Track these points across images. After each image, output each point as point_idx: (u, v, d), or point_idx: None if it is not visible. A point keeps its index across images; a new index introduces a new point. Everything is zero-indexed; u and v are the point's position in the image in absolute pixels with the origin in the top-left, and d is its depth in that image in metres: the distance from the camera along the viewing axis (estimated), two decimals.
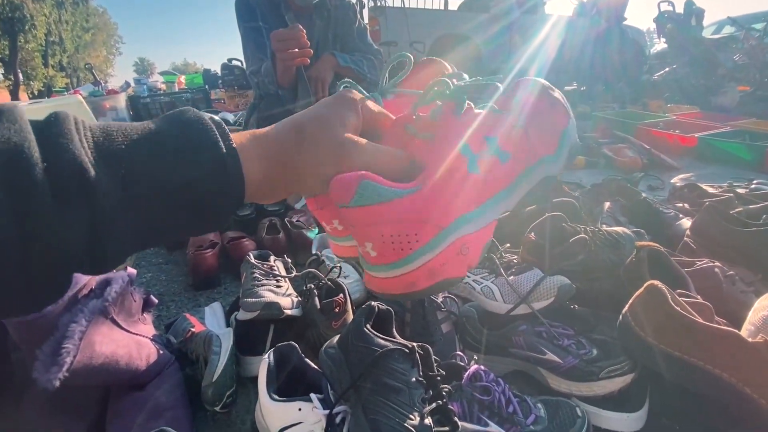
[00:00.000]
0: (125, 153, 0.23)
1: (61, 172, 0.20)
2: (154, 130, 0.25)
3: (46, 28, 13.19)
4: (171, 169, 0.24)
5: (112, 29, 20.62)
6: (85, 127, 0.23)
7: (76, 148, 0.21)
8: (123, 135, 0.24)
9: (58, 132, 0.21)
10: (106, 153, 0.22)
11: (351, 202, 0.27)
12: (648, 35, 5.98)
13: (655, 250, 0.70)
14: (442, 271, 0.29)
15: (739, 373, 0.48)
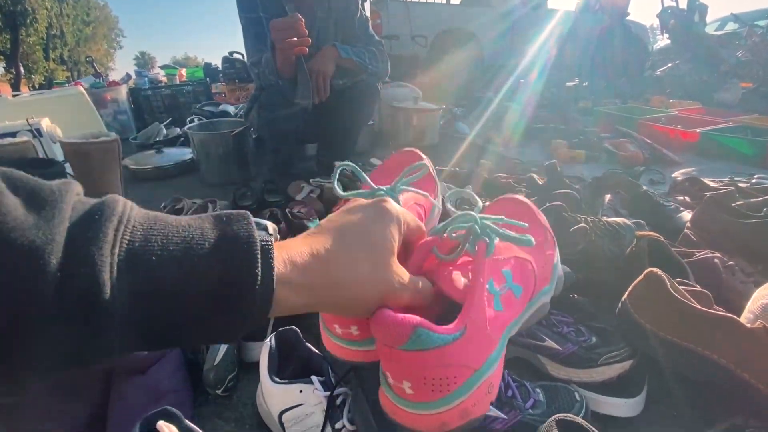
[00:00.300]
0: (154, 268, 0.22)
1: (72, 287, 0.20)
2: (198, 246, 0.23)
3: (47, 22, 13.14)
4: (197, 304, 0.23)
5: (113, 23, 20.53)
6: (127, 225, 0.22)
7: (101, 260, 0.20)
8: (163, 244, 0.22)
9: (92, 236, 0.20)
10: (135, 262, 0.21)
11: (403, 346, 0.28)
12: (651, 31, 5.94)
13: (655, 240, 0.70)
14: (473, 410, 0.31)
15: (737, 359, 0.48)
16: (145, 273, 0.21)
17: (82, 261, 0.20)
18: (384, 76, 1.53)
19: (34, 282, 0.19)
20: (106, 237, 0.21)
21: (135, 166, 1.70)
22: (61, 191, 0.22)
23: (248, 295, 0.24)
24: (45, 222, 0.20)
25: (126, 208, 0.23)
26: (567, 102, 3.13)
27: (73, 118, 2.00)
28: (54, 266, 0.19)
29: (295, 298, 0.26)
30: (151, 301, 0.22)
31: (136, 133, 2.36)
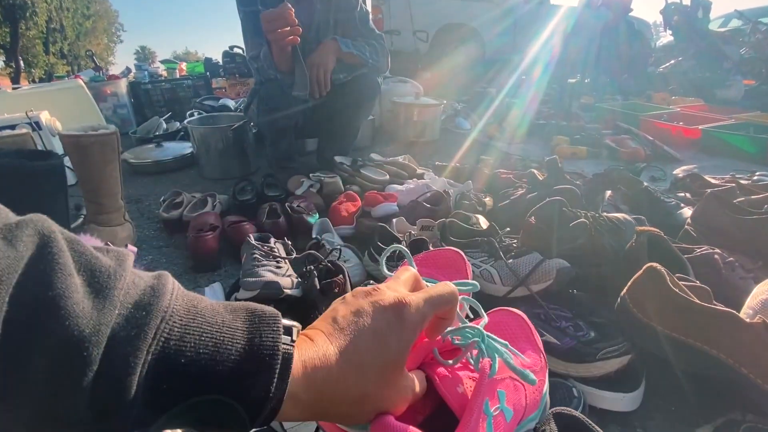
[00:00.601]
0: (182, 370, 0.23)
1: (105, 383, 0.21)
2: (226, 350, 0.24)
3: (47, 15, 13.08)
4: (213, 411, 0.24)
5: (113, 17, 20.43)
6: (168, 321, 0.24)
7: (134, 362, 0.22)
8: (196, 346, 0.24)
9: (134, 336, 0.22)
10: (166, 363, 0.23)
11: None
12: (654, 27, 5.90)
13: (655, 235, 0.70)
14: None
15: (735, 354, 0.48)
16: (172, 374, 0.23)
17: (119, 361, 0.22)
18: (385, 70, 1.52)
19: (78, 371, 0.20)
20: (146, 337, 0.22)
21: (135, 160, 1.69)
22: (116, 274, 0.23)
23: (257, 408, 0.25)
24: (96, 311, 0.21)
25: (172, 299, 0.25)
26: (569, 98, 3.11)
27: (73, 112, 2.00)
28: (94, 360, 0.21)
29: (297, 413, 0.27)
30: (168, 399, 0.23)
31: (135, 127, 2.35)
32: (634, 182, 1.14)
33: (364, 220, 1.11)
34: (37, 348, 0.20)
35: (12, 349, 0.19)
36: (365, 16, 1.44)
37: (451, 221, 0.87)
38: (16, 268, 0.19)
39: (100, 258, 0.23)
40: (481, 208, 1.08)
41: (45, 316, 0.20)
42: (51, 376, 0.20)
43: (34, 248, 0.20)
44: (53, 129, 1.47)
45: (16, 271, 0.19)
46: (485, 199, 1.15)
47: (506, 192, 1.16)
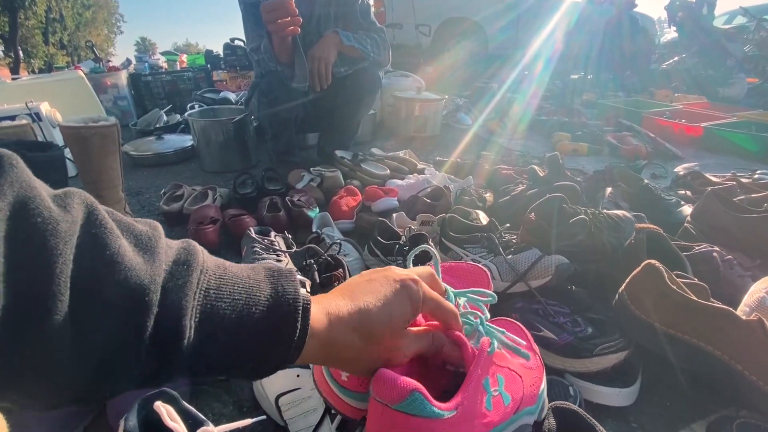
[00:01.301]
0: (222, 315, 0.27)
1: (163, 323, 0.24)
2: (256, 298, 0.28)
3: (46, 5, 12.96)
4: (247, 343, 0.28)
5: (113, 7, 20.27)
6: (205, 278, 0.27)
7: (186, 306, 0.25)
8: (231, 294, 0.28)
9: (182, 284, 0.26)
10: (210, 311, 0.27)
11: (397, 406, 0.30)
12: (658, 24, 5.86)
13: (655, 233, 0.70)
14: None
15: (731, 351, 0.49)
16: (214, 317, 0.27)
17: (174, 305, 0.25)
18: (386, 63, 1.51)
19: (141, 318, 0.23)
20: (192, 285, 0.26)
21: (135, 153, 1.69)
22: (153, 237, 0.27)
23: (287, 344, 0.28)
24: (149, 265, 0.25)
25: (204, 257, 0.29)
26: (571, 94, 3.10)
27: (73, 103, 1.99)
28: (155, 304, 0.24)
29: (317, 351, 0.30)
30: (212, 344, 0.27)
31: (136, 119, 2.34)
32: (635, 179, 1.14)
33: (364, 214, 1.11)
34: (104, 300, 0.22)
35: (84, 300, 0.21)
36: (366, 9, 1.43)
37: (451, 216, 0.87)
38: (74, 231, 0.21)
39: (137, 224, 0.27)
40: (481, 204, 1.08)
41: (107, 271, 0.22)
42: (119, 323, 0.23)
43: (83, 214, 0.23)
44: (53, 120, 1.47)
45: (74, 234, 0.21)
46: (486, 194, 1.15)
47: (507, 188, 1.16)
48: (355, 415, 0.38)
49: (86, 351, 0.22)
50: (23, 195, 0.20)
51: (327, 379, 0.36)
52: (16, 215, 0.19)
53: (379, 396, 0.31)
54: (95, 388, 0.24)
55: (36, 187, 0.21)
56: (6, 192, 0.19)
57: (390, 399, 0.30)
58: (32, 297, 0.19)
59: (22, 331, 0.19)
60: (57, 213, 0.21)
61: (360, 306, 0.32)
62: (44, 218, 0.20)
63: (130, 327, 0.23)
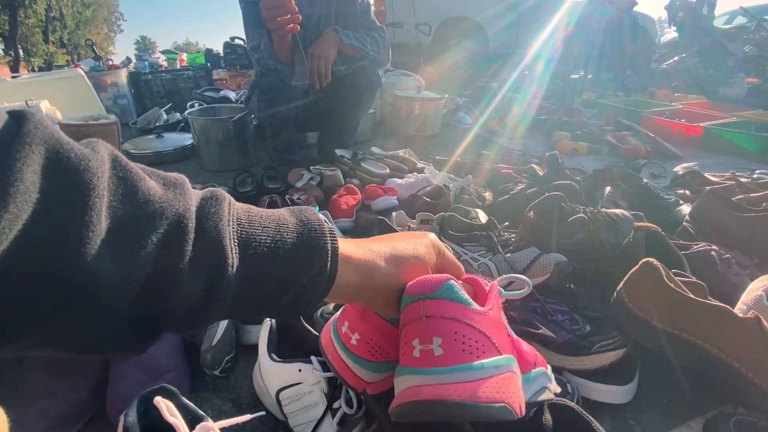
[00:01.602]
0: (258, 240, 0.28)
1: (204, 247, 0.25)
2: (285, 225, 0.30)
3: (46, 4, 12.96)
4: (285, 265, 0.29)
5: (113, 6, 20.25)
6: (235, 209, 0.28)
7: (223, 229, 0.26)
8: (261, 223, 0.29)
9: (215, 211, 0.26)
10: (245, 236, 0.27)
11: (435, 293, 0.31)
12: (659, 24, 5.86)
13: (653, 231, 0.70)
14: (505, 390, 0.30)
15: (728, 348, 0.49)
16: (251, 240, 0.27)
17: (212, 229, 0.26)
18: (385, 62, 1.51)
19: (180, 243, 0.24)
20: (224, 214, 0.27)
21: (135, 151, 1.69)
22: (181, 178, 0.27)
23: (323, 260, 0.30)
24: (181, 197, 0.25)
25: (229, 196, 0.29)
26: (571, 94, 3.10)
27: (73, 101, 1.99)
28: (192, 230, 0.25)
29: (351, 277, 0.32)
30: (253, 266, 0.27)
31: (136, 118, 2.35)
32: (634, 179, 1.14)
33: (363, 213, 1.11)
34: (140, 230, 0.23)
35: (120, 231, 0.22)
36: (367, 7, 1.43)
37: (450, 215, 0.88)
38: (104, 169, 0.22)
39: (161, 171, 0.27)
40: (480, 203, 1.08)
41: (141, 203, 0.23)
42: (158, 253, 0.23)
43: (109, 157, 0.23)
44: (53, 118, 1.47)
45: (104, 171, 0.22)
46: (485, 193, 1.16)
47: (506, 187, 1.16)
48: (358, 384, 0.38)
49: (130, 282, 0.22)
50: (53, 136, 0.20)
51: (335, 342, 0.37)
52: (51, 150, 0.20)
53: (416, 292, 0.32)
54: (144, 321, 0.24)
55: (63, 134, 0.21)
56: (37, 133, 0.19)
57: (428, 290, 0.31)
58: (67, 230, 0.20)
59: (59, 261, 0.19)
60: (87, 152, 0.21)
61: (387, 241, 0.35)
62: (77, 154, 0.20)
63: (171, 256, 0.24)
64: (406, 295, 0.33)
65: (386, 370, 0.36)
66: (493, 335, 0.32)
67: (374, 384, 0.38)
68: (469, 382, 0.29)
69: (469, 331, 0.31)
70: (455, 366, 0.29)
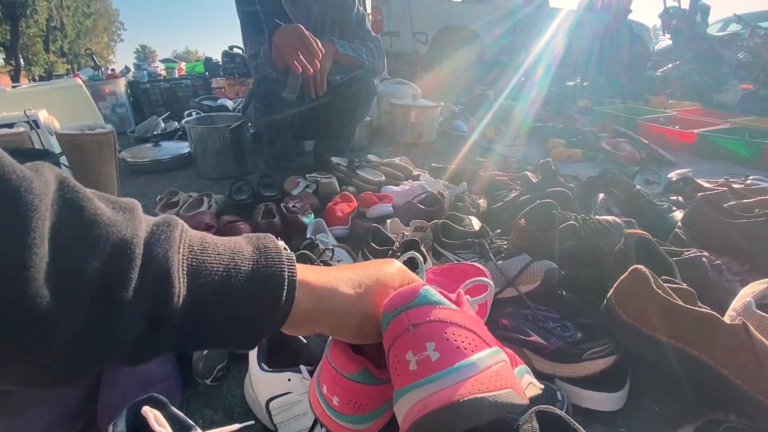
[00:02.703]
0: (209, 269, 0.27)
1: (150, 274, 0.24)
2: (240, 253, 0.29)
3: (47, 14, 13.09)
4: (237, 295, 0.27)
5: (114, 15, 20.45)
6: (188, 235, 0.27)
7: (171, 257, 0.25)
8: (214, 250, 0.28)
9: (165, 238, 0.26)
10: (196, 264, 0.26)
11: (415, 302, 0.32)
12: (653, 31, 5.93)
13: (643, 238, 0.71)
14: (506, 377, 0.30)
15: (717, 355, 0.49)
16: (202, 269, 0.26)
17: (159, 257, 0.24)
18: (381, 71, 1.53)
19: (125, 269, 0.23)
20: (175, 240, 0.26)
21: (132, 159, 1.70)
22: (131, 202, 0.26)
23: (278, 290, 0.28)
24: (130, 221, 0.24)
25: (184, 223, 0.28)
26: (567, 101, 3.13)
27: (71, 110, 2.00)
28: (139, 257, 0.24)
29: (309, 303, 0.30)
30: (202, 295, 0.26)
31: (134, 126, 2.36)
32: (627, 185, 1.15)
33: (359, 220, 1.12)
34: (83, 254, 0.21)
35: (62, 254, 0.21)
36: (362, 18, 1.45)
37: (444, 222, 0.88)
38: (47, 191, 0.21)
39: (113, 196, 0.26)
40: (475, 210, 1.09)
41: (85, 227, 0.22)
42: (99, 277, 0.22)
43: (55, 179, 0.22)
44: (51, 127, 1.48)
45: (48, 193, 0.21)
46: (480, 201, 1.16)
47: (500, 194, 1.17)
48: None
49: (72, 307, 0.21)
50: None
51: (320, 402, 0.36)
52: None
53: (396, 306, 0.32)
54: (84, 352, 0.23)
55: (7, 156, 0.21)
56: None
57: (407, 300, 0.32)
58: (6, 251, 0.19)
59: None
60: (29, 174, 0.20)
61: (350, 268, 0.34)
62: (18, 176, 0.20)
63: (114, 282, 0.22)
64: (386, 312, 0.32)
65: (377, 416, 0.36)
66: (478, 330, 0.33)
67: (369, 429, 0.38)
68: (471, 377, 0.29)
69: (457, 330, 0.31)
70: (455, 365, 0.29)
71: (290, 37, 1.12)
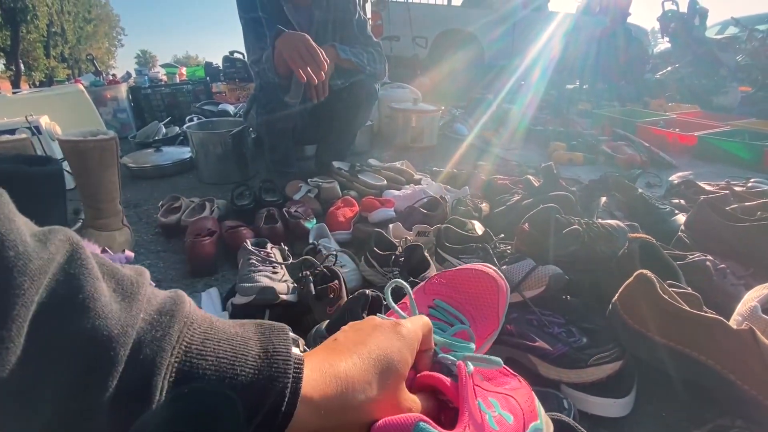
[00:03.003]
0: (202, 373, 0.24)
1: (130, 381, 0.22)
2: (243, 357, 0.25)
3: (48, 19, 13.15)
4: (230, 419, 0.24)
5: (114, 21, 20.54)
6: (189, 330, 0.25)
7: (159, 364, 0.23)
8: (215, 350, 0.25)
9: (159, 337, 0.23)
10: (188, 369, 0.24)
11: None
12: (652, 35, 5.96)
13: (647, 242, 0.71)
14: None
15: (723, 360, 0.49)
16: (192, 377, 0.24)
17: (146, 361, 0.22)
18: (382, 76, 1.53)
19: (103, 371, 0.21)
20: (171, 340, 0.24)
21: (134, 165, 1.70)
22: (136, 282, 0.24)
23: (275, 409, 0.25)
24: (124, 314, 0.22)
25: (190, 308, 0.26)
26: (566, 104, 3.14)
27: (73, 116, 2.00)
28: (122, 361, 0.22)
29: (310, 418, 0.27)
30: (190, 404, 0.24)
31: (135, 132, 2.36)
32: (629, 189, 1.15)
33: (361, 225, 1.12)
34: (64, 346, 0.20)
35: (39, 346, 0.19)
36: (363, 23, 1.46)
37: (447, 227, 0.88)
38: (46, 269, 0.20)
39: (121, 268, 0.25)
40: (477, 214, 1.09)
41: (75, 316, 0.21)
42: (76, 376, 0.20)
43: (64, 252, 0.21)
44: (53, 133, 1.48)
45: (46, 272, 0.20)
46: (482, 205, 1.16)
47: (503, 198, 1.17)
48: None
49: (37, 412, 0.20)
50: (3, 225, 0.19)
51: None
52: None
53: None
54: None
55: (15, 221, 0.20)
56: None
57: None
58: None
59: None
60: (32, 248, 0.19)
61: (354, 358, 0.29)
62: (16, 253, 0.19)
63: (89, 385, 0.21)
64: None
65: None
66: None
67: None
68: None
69: None
70: None
71: (296, 45, 1.12)
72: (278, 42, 1.15)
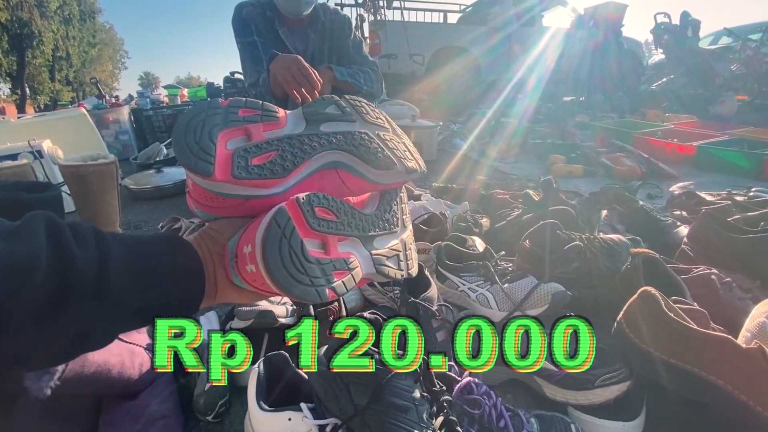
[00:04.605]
0: (129, 237, 0.35)
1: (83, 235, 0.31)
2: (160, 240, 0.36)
3: (53, 44, 13.45)
4: (166, 251, 0.35)
5: (118, 44, 21.01)
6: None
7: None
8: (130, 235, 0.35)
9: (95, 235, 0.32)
10: (119, 235, 0.33)
11: None
12: (646, 46, 6.04)
13: (651, 257, 0.70)
14: None
15: (733, 380, 0.47)
16: (128, 237, 0.34)
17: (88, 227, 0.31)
18: (379, 96, 1.55)
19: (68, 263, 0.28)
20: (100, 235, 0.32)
21: (134, 186, 1.71)
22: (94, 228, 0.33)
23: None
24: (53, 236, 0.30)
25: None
26: (564, 116, 3.16)
27: (75, 140, 2.03)
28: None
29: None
30: (135, 250, 0.33)
31: (137, 153, 2.39)
32: (629, 201, 1.14)
33: None
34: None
35: None
36: (359, 44, 1.48)
37: (447, 245, 0.87)
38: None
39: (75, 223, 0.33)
40: (477, 230, 1.08)
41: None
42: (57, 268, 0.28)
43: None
44: (55, 157, 1.49)
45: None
46: (482, 220, 1.16)
47: (503, 213, 1.17)
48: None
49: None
50: None
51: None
52: None
53: None
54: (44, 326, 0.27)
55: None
56: None
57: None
58: None
59: None
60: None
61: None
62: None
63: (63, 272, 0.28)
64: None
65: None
66: None
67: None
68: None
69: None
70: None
71: (289, 67, 1.14)
72: (272, 65, 1.17)
